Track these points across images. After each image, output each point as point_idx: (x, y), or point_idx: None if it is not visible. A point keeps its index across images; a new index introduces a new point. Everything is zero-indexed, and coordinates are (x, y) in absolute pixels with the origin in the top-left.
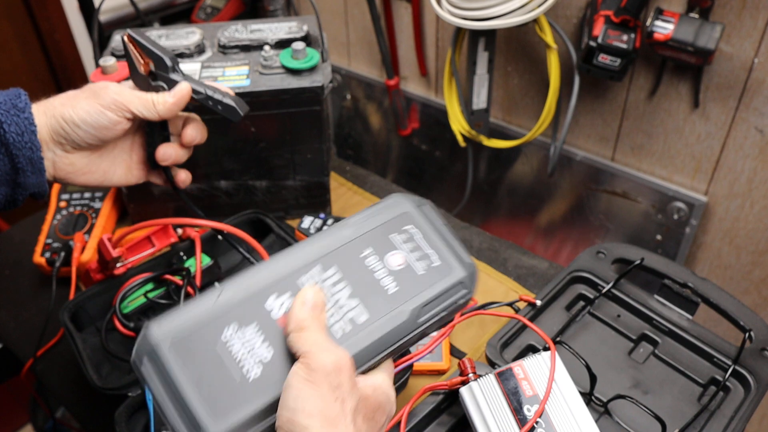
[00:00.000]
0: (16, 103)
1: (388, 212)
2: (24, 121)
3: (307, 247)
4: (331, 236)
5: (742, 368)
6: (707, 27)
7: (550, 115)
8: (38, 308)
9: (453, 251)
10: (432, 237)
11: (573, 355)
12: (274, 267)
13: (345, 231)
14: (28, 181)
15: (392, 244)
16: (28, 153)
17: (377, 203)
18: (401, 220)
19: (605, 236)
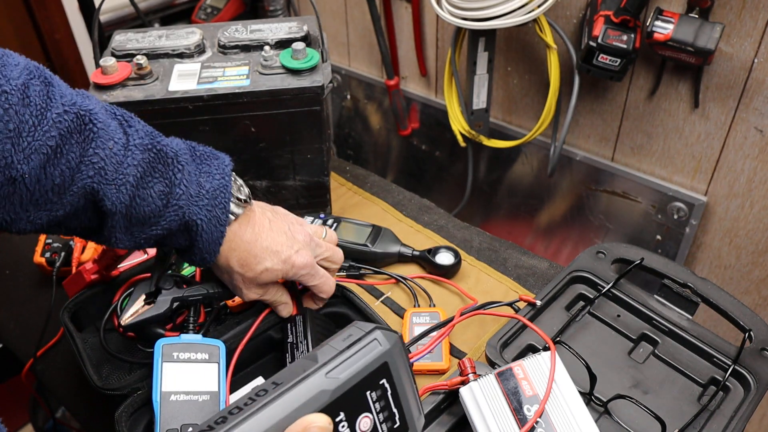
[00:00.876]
0: (218, 215)
1: (370, 365)
2: (218, 232)
3: (280, 412)
4: (305, 386)
5: (742, 368)
6: (707, 27)
7: (550, 115)
8: (38, 308)
9: (416, 404)
10: (402, 389)
11: (573, 355)
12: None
13: (320, 380)
14: (190, 261)
15: (367, 403)
16: (206, 255)
17: (359, 341)
18: (380, 374)
19: (605, 236)
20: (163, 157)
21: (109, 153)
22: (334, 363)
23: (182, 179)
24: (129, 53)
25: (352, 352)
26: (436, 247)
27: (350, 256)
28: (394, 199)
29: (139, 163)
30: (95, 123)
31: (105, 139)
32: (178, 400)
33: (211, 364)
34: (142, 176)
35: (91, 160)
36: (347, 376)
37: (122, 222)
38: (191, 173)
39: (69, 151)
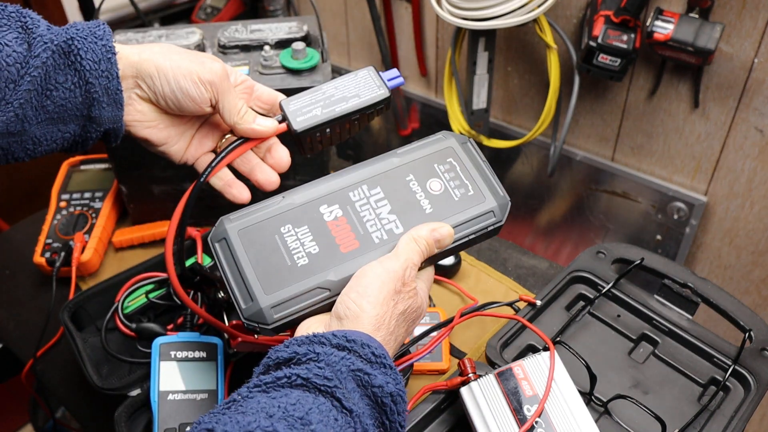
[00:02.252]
0: (94, 31)
1: (434, 146)
2: (102, 48)
3: (359, 169)
4: (380, 162)
5: (742, 368)
6: (707, 27)
7: (550, 115)
8: (38, 308)
9: (489, 184)
10: (471, 170)
11: (573, 355)
12: (329, 182)
13: (393, 158)
14: (104, 114)
15: (435, 171)
16: (105, 81)
17: (426, 138)
18: (445, 153)
19: (605, 236)
20: (5, 10)
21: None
22: (405, 147)
23: (34, 19)
24: None
25: (420, 141)
26: None
27: None
28: None
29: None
30: None
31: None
32: (175, 399)
33: (210, 362)
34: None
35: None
36: (414, 151)
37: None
38: (43, 19)
39: None
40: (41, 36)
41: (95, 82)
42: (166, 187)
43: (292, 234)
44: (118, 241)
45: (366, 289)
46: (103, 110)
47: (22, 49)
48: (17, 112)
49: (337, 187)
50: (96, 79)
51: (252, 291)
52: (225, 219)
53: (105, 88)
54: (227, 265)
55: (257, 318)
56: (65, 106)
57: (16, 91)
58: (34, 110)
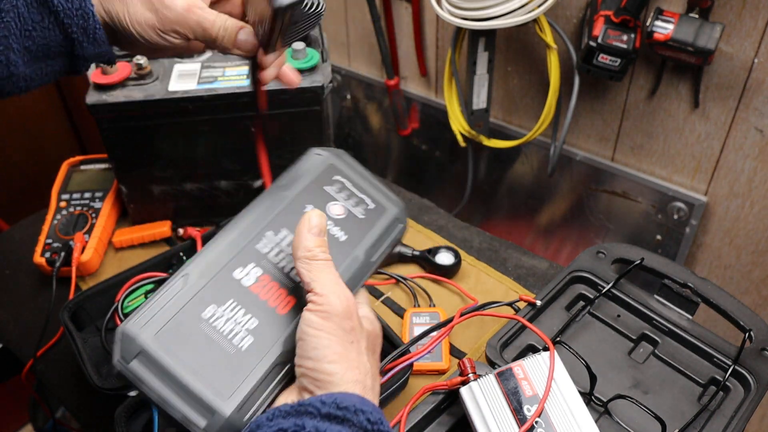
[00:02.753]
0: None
1: (315, 168)
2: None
3: (253, 215)
4: (271, 201)
5: (742, 368)
6: (707, 27)
7: (550, 115)
8: (38, 308)
9: (380, 192)
10: (359, 183)
11: (573, 355)
12: (230, 241)
13: (282, 193)
14: (87, 52)
15: (329, 195)
16: (81, 21)
17: (299, 162)
18: (329, 173)
19: (605, 236)
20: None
21: None
22: (284, 177)
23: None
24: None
25: (297, 167)
26: (436, 247)
27: None
28: None
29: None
30: None
31: None
32: None
33: None
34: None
35: None
36: (298, 179)
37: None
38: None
39: None
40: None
41: (70, 22)
42: (166, 187)
43: (219, 316)
44: (118, 241)
45: (317, 352)
46: (84, 49)
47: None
48: (0, 59)
49: (241, 243)
50: (71, 19)
51: (206, 402)
52: (129, 327)
53: (82, 28)
54: (158, 383)
55: (228, 431)
56: (48, 45)
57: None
58: (16, 53)
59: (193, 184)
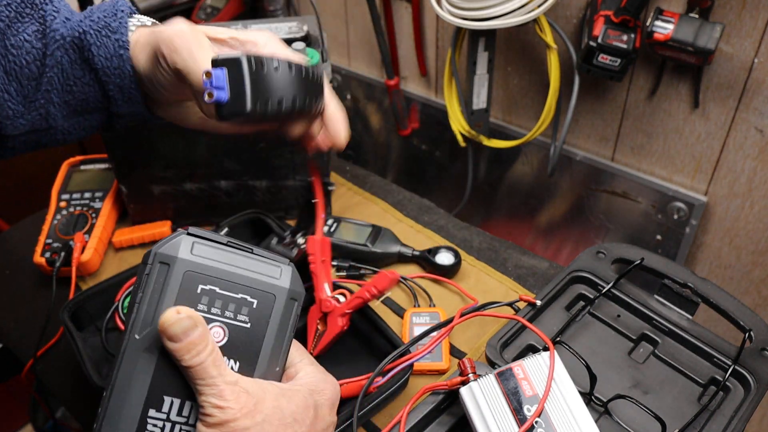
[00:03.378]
0: (109, 23)
1: (170, 291)
2: (114, 43)
3: (125, 401)
4: (135, 370)
5: (742, 368)
6: (707, 27)
7: (550, 115)
8: (38, 308)
9: (259, 271)
10: (229, 275)
11: (573, 355)
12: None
13: (142, 354)
14: (121, 110)
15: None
16: (118, 80)
17: (146, 285)
18: (191, 283)
19: (605, 236)
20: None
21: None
22: (138, 318)
23: (52, 8)
24: None
25: (148, 293)
26: (436, 247)
27: (350, 256)
28: (394, 199)
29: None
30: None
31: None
32: None
33: None
34: (8, 24)
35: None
36: (158, 320)
37: (6, 83)
38: (66, 5)
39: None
40: (55, 31)
41: (108, 80)
42: (166, 187)
43: None
44: (118, 241)
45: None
46: (119, 107)
47: (40, 44)
48: (41, 112)
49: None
50: (108, 77)
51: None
52: None
53: (119, 87)
54: None
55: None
56: (87, 100)
57: (38, 90)
58: (57, 107)
59: (193, 184)
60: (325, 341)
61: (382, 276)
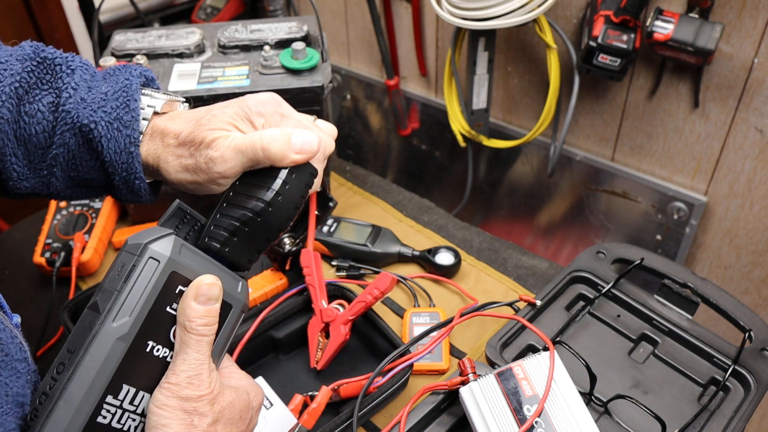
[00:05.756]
0: (121, 116)
1: (153, 287)
2: (126, 139)
3: (84, 384)
4: (100, 347)
5: (742, 368)
6: (707, 27)
7: (550, 115)
8: (38, 308)
9: (224, 278)
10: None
11: (573, 355)
12: (62, 427)
13: (112, 334)
14: (123, 197)
15: (173, 317)
16: (124, 174)
17: (134, 269)
18: (172, 283)
19: (605, 236)
20: (49, 65)
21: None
22: (117, 306)
23: (70, 83)
24: (129, 53)
25: (131, 284)
26: (436, 247)
27: (350, 256)
28: (394, 199)
29: (18, 74)
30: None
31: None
32: None
33: None
34: (26, 89)
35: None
36: (137, 312)
37: (15, 147)
38: (85, 80)
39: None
40: (67, 113)
41: (114, 173)
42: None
43: None
44: (118, 241)
45: (156, 431)
46: (122, 195)
47: (51, 118)
48: (43, 180)
49: (79, 424)
50: (115, 170)
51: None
52: None
53: (124, 180)
54: None
55: None
56: (90, 179)
57: (44, 160)
58: (59, 180)
59: None
60: (329, 352)
61: (383, 277)
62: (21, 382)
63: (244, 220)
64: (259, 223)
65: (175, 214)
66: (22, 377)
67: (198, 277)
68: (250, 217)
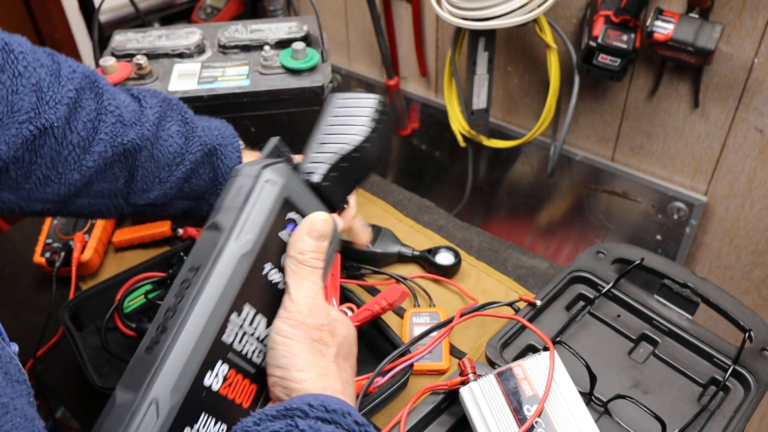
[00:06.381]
0: (232, 142)
1: (269, 211)
2: (237, 158)
3: (212, 298)
4: (230, 269)
5: (742, 368)
6: (707, 27)
7: (550, 115)
8: (38, 308)
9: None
10: (309, 209)
11: (573, 355)
12: (196, 342)
13: (237, 252)
14: (213, 200)
15: (285, 243)
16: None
17: (253, 191)
18: (284, 211)
19: (605, 236)
20: (171, 103)
21: (122, 102)
22: (240, 224)
23: (193, 118)
24: (129, 53)
25: (251, 204)
26: (436, 247)
27: (350, 256)
28: (394, 199)
29: (154, 106)
30: (100, 80)
31: (114, 93)
32: None
33: None
34: (160, 117)
35: (107, 108)
36: (257, 230)
37: (149, 162)
38: (195, 115)
39: (86, 104)
40: (198, 137)
41: (223, 180)
42: None
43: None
44: (118, 241)
45: (286, 359)
46: (214, 198)
47: (181, 142)
48: (167, 192)
49: (208, 339)
50: (224, 178)
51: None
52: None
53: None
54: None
55: None
56: (197, 191)
57: (171, 175)
58: (178, 190)
59: None
60: None
61: (394, 289)
62: (23, 401)
63: (343, 155)
64: (356, 159)
65: (273, 151)
66: (24, 398)
67: (311, 213)
68: (350, 150)
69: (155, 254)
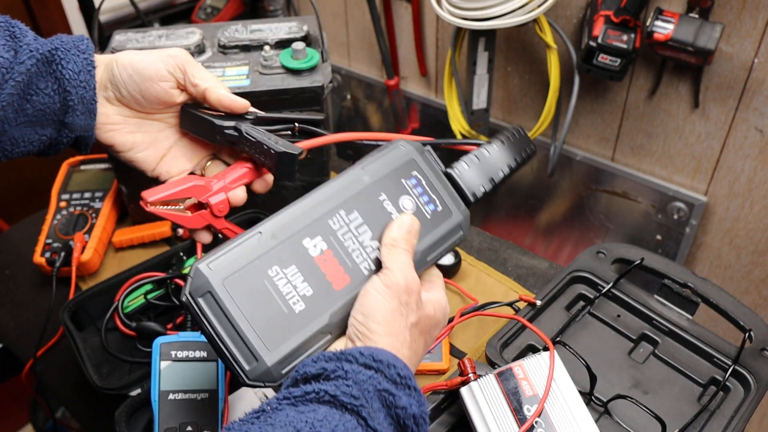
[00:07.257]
0: (78, 45)
1: (397, 159)
2: (83, 61)
3: (331, 191)
4: (350, 180)
5: (742, 368)
6: (707, 27)
7: (550, 115)
8: (38, 308)
9: (452, 197)
10: (434, 183)
11: (573, 355)
12: (305, 210)
13: (362, 177)
14: (77, 121)
15: (405, 188)
16: (82, 91)
17: (385, 148)
18: (409, 166)
19: (605, 236)
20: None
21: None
22: (368, 161)
23: (25, 30)
24: None
25: (381, 153)
26: None
27: None
28: None
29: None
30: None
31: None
32: (176, 399)
33: (210, 363)
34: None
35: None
36: (380, 166)
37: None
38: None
39: None
40: (27, 45)
41: (73, 91)
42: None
43: (281, 277)
44: (118, 241)
45: (370, 310)
46: (76, 117)
47: (9, 55)
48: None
49: (315, 215)
50: (74, 88)
51: (254, 349)
52: (202, 267)
53: (81, 97)
54: (218, 323)
55: (265, 378)
56: (43, 111)
57: (0, 94)
58: (14, 113)
59: None
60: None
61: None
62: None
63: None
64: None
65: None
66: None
67: (431, 179)
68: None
69: (155, 254)
